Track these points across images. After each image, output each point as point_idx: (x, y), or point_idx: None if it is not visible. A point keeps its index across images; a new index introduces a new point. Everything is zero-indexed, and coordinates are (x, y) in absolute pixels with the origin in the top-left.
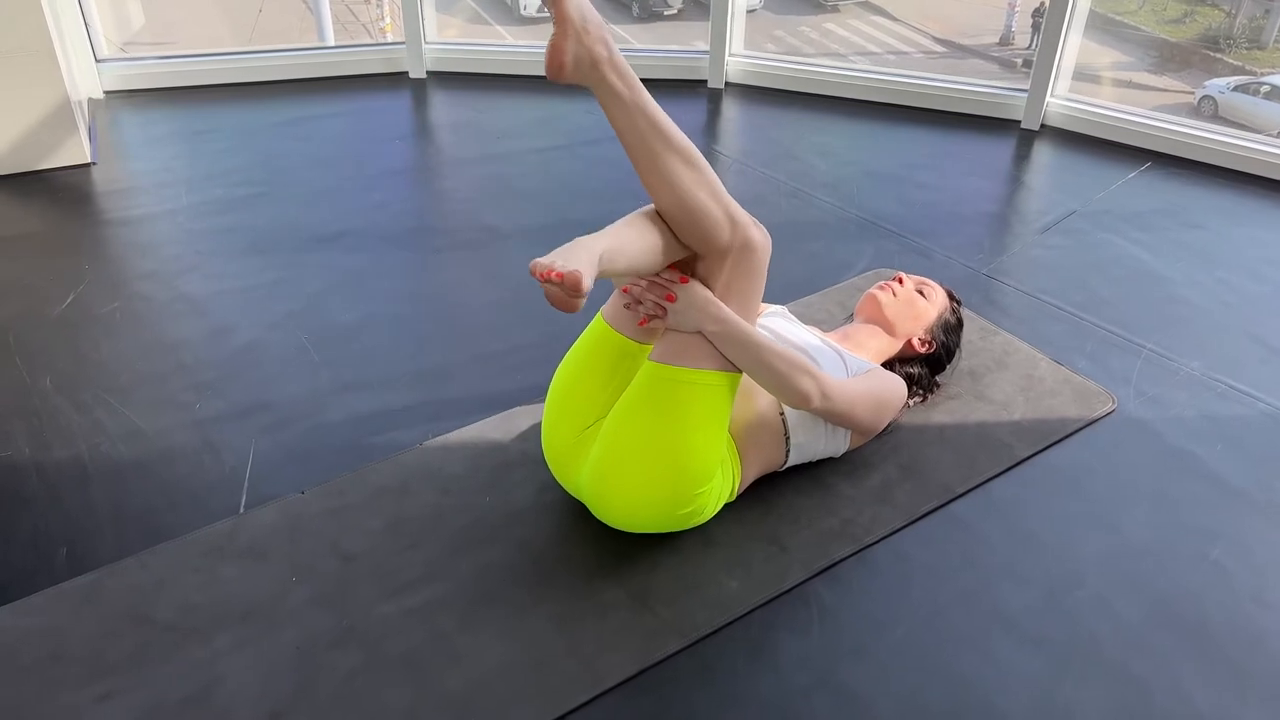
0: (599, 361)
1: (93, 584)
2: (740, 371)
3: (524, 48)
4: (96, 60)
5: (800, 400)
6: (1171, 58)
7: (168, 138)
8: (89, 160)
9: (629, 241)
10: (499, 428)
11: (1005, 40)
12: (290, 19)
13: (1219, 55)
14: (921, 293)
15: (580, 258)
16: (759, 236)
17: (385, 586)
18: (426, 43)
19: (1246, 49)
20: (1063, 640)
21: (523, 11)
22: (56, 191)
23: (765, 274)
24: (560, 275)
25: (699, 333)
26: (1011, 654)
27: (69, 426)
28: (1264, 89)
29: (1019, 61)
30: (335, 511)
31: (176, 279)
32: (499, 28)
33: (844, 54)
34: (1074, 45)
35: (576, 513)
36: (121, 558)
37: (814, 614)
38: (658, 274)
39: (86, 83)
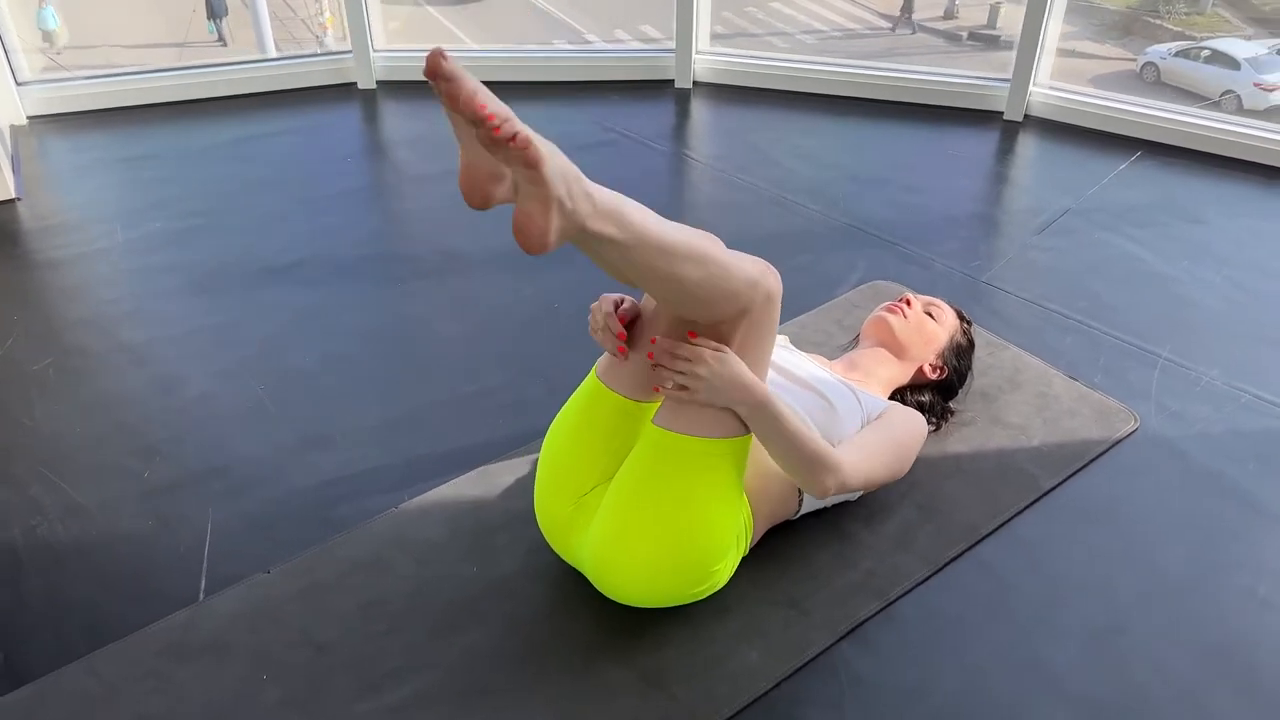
0: (596, 423)
1: (32, 698)
2: (750, 432)
3: (481, 52)
4: (17, 84)
5: (814, 491)
6: (1114, 25)
7: (99, 165)
8: (13, 195)
9: (651, 228)
10: (478, 484)
11: (949, 14)
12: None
13: (1159, 22)
14: (930, 314)
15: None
16: (775, 284)
17: (363, 680)
18: (375, 50)
19: (1185, 14)
20: (1113, 700)
21: None
22: None
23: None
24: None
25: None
26: (1063, 718)
27: None
28: (1204, 54)
29: (964, 35)
30: (304, 592)
31: (115, 326)
32: (441, 17)
33: (792, 33)
34: (1055, 31)
35: (570, 579)
36: (64, 664)
37: (843, 685)
38: (686, 341)
39: (7, 109)
